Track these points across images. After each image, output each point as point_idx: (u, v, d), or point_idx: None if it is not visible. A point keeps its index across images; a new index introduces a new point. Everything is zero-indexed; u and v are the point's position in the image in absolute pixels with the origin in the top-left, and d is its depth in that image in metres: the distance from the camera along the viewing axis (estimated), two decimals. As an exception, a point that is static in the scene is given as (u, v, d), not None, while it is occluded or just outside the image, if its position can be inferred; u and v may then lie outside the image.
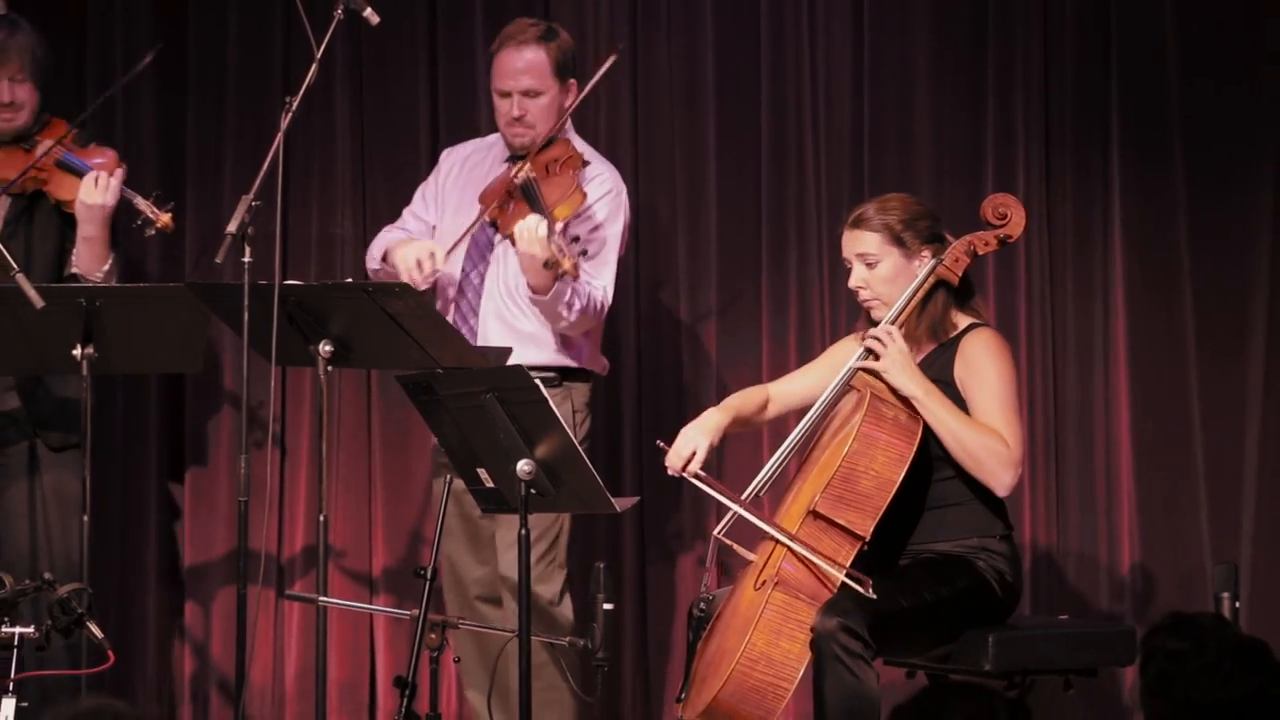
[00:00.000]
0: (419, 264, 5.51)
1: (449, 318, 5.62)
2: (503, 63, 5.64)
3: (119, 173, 5.58)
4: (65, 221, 5.65)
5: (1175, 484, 6.19)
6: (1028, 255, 6.19)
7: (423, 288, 5.51)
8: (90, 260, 5.57)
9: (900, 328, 4.99)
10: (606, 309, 5.60)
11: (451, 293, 5.68)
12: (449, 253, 5.58)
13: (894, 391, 4.95)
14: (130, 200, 5.58)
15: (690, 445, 5.04)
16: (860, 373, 5.01)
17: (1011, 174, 6.23)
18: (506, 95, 5.63)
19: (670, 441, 5.06)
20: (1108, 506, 6.21)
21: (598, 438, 6.04)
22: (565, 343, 5.63)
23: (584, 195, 5.51)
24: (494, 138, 5.78)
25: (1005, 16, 6.27)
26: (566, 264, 5.26)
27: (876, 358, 4.96)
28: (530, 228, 5.32)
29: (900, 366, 4.94)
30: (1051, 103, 6.27)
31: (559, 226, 5.33)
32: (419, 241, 5.63)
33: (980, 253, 5.09)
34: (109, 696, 3.93)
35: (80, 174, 5.60)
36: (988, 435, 4.89)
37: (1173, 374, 6.20)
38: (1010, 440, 4.90)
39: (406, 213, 5.84)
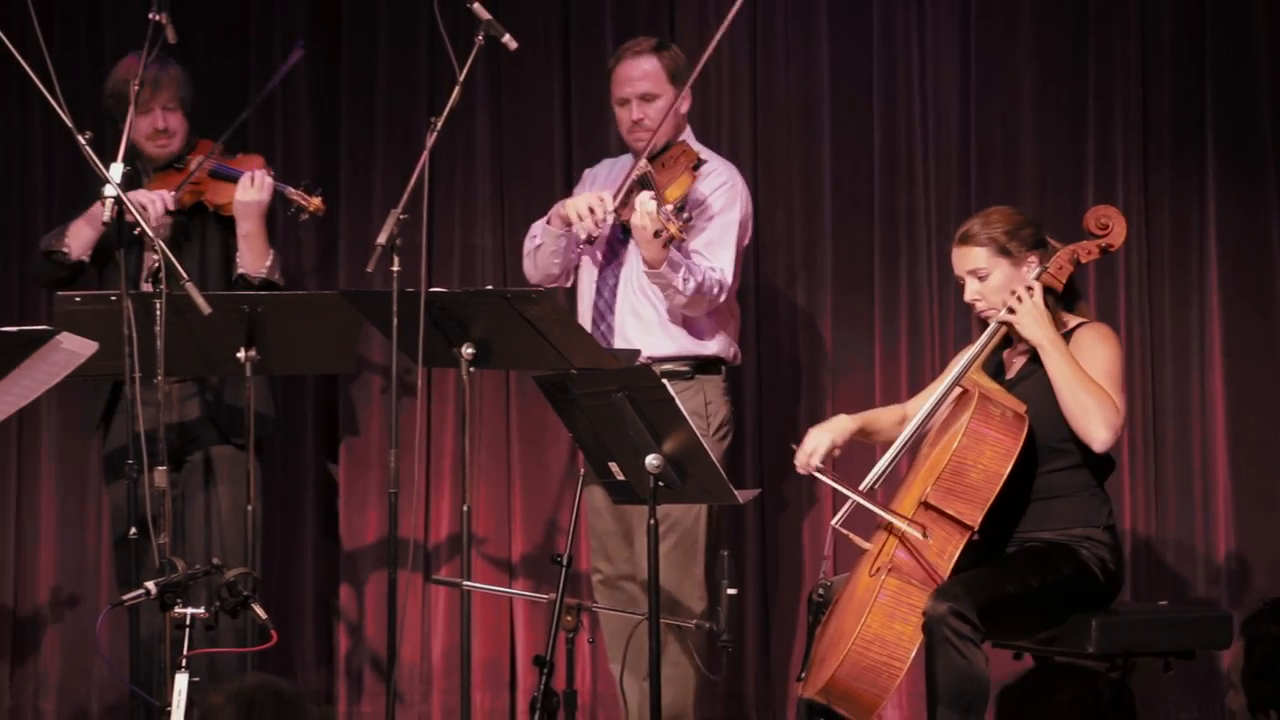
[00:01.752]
0: (590, 210, 5.53)
1: (588, 314, 5.66)
2: (621, 73, 5.69)
3: (268, 169, 5.66)
4: (226, 229, 5.72)
5: (1269, 476, 6.14)
6: (1127, 262, 6.15)
7: (595, 234, 5.52)
8: (252, 258, 5.63)
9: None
10: (725, 289, 5.60)
11: (590, 294, 5.71)
12: (616, 194, 5.57)
13: (1023, 341, 4.97)
14: (282, 192, 5.64)
15: (814, 443, 5.07)
16: (968, 374, 5.01)
17: (1111, 186, 6.19)
18: (625, 103, 5.67)
19: (800, 443, 5.08)
20: (1204, 498, 6.17)
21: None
22: (695, 331, 5.64)
23: (692, 179, 5.54)
24: (626, 156, 5.80)
25: (1105, 36, 6.24)
26: (672, 229, 5.31)
27: (1013, 312, 4.98)
28: (639, 201, 5.38)
29: (1033, 318, 4.95)
30: (1149, 118, 6.23)
31: (669, 208, 5.35)
32: (586, 194, 5.63)
33: (1083, 261, 5.08)
34: (271, 674, 3.98)
35: (234, 180, 5.67)
36: (1100, 392, 4.89)
37: (1265, 373, 6.15)
38: (1118, 403, 4.89)
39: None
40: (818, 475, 5.04)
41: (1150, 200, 6.23)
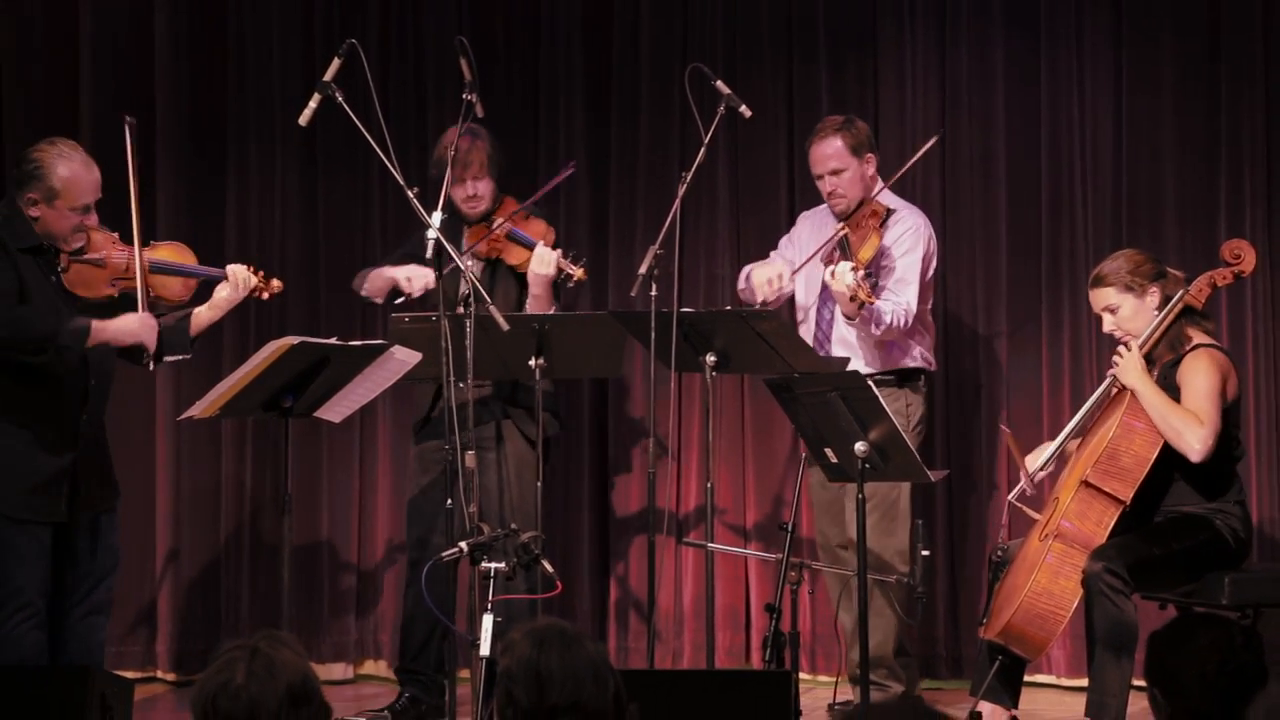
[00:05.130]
0: (769, 282, 5.56)
1: (809, 339, 5.65)
2: (812, 154, 5.67)
3: (551, 231, 5.67)
4: (518, 279, 5.73)
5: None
6: (1254, 287, 6.02)
7: (773, 299, 5.53)
8: (538, 311, 5.68)
9: (1152, 344, 4.93)
10: (912, 316, 5.53)
11: (811, 320, 5.71)
12: (794, 273, 5.60)
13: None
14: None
15: (1032, 467, 5.06)
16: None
17: (1240, 222, 6.07)
18: (820, 177, 5.65)
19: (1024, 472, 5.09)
20: (1320, 481, 6.04)
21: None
22: (895, 351, 5.61)
23: (880, 236, 5.50)
24: (825, 207, 5.79)
25: (1234, 94, 6.12)
26: (863, 294, 5.25)
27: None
28: (839, 271, 5.31)
29: (1128, 369, 4.92)
30: (1273, 164, 6.10)
31: (860, 274, 5.29)
32: (772, 263, 5.66)
33: (1219, 285, 5.03)
34: (557, 616, 4.05)
35: (526, 245, 5.66)
36: (1186, 415, 4.83)
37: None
38: (1205, 420, 4.80)
39: (773, 253, 5.90)
40: (1026, 492, 5.07)
41: (1274, 234, 6.10)
